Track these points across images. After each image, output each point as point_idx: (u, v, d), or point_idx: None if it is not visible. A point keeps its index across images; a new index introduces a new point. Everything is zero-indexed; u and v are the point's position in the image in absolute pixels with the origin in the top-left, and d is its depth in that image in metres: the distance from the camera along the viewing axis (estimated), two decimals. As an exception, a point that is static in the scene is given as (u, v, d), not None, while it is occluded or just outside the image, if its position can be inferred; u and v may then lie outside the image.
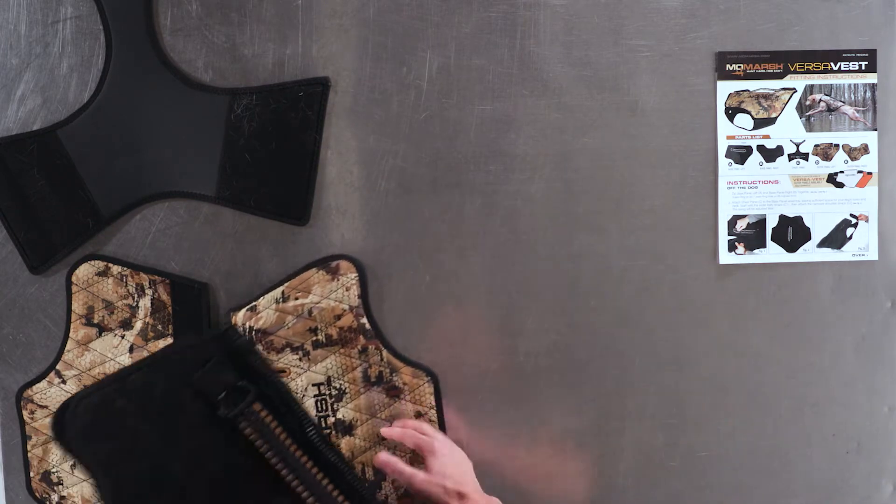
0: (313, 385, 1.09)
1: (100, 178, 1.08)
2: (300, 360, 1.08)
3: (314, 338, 1.08)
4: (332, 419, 1.10)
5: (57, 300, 1.10)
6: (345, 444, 1.10)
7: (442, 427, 1.09)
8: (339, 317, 1.08)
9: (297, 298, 1.08)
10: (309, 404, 1.09)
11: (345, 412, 1.09)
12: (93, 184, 1.08)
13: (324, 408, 1.09)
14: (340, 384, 1.09)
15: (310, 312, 1.08)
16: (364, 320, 1.08)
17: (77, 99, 1.07)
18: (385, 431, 1.04)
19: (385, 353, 1.09)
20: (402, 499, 1.07)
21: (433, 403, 1.10)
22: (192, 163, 1.08)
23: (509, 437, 1.10)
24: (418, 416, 1.09)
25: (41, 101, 1.07)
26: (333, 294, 1.08)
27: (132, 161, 1.07)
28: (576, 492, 1.10)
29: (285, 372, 1.08)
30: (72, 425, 0.94)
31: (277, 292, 1.08)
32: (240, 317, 1.08)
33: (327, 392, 1.09)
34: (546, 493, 1.11)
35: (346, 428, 1.10)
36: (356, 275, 1.08)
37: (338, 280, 1.08)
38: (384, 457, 1.02)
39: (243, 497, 0.95)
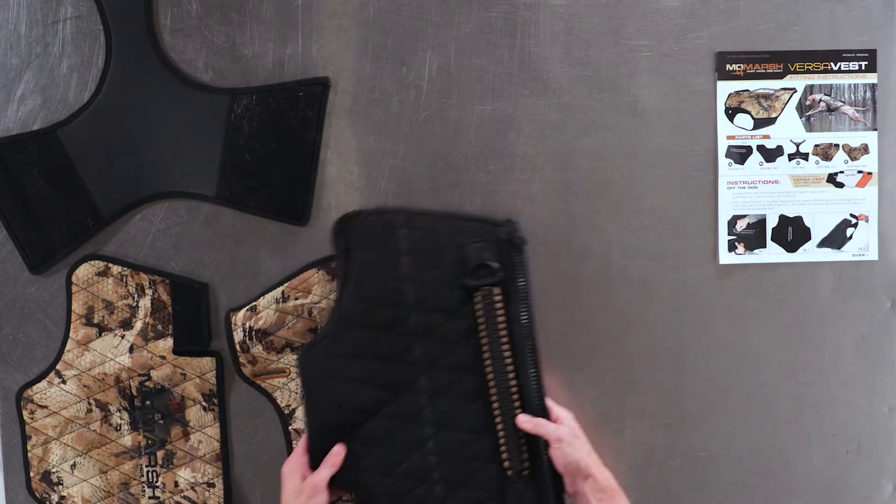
0: (313, 385, 1.09)
1: (100, 178, 1.08)
2: (300, 359, 1.09)
3: (315, 337, 1.09)
4: (332, 419, 1.10)
5: (57, 300, 1.10)
6: (345, 443, 1.10)
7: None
8: (339, 317, 1.08)
9: (297, 298, 1.08)
10: (309, 404, 1.10)
11: (345, 412, 1.10)
12: (93, 184, 1.08)
13: (324, 408, 1.10)
14: (340, 384, 1.09)
15: (310, 312, 1.08)
16: (364, 320, 1.09)
17: (77, 99, 1.07)
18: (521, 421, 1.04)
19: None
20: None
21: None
22: (192, 163, 1.08)
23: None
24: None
25: (41, 101, 1.07)
26: (334, 294, 1.08)
27: (132, 161, 1.08)
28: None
29: (285, 372, 1.08)
30: (357, 228, 1.05)
31: (277, 292, 1.08)
32: (240, 317, 1.08)
33: (327, 392, 1.09)
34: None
35: (347, 428, 1.10)
36: (356, 275, 1.08)
37: (338, 280, 1.08)
38: (524, 418, 1.03)
39: (443, 354, 1.03)
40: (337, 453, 1.03)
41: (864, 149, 1.10)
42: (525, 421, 1.02)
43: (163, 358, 1.09)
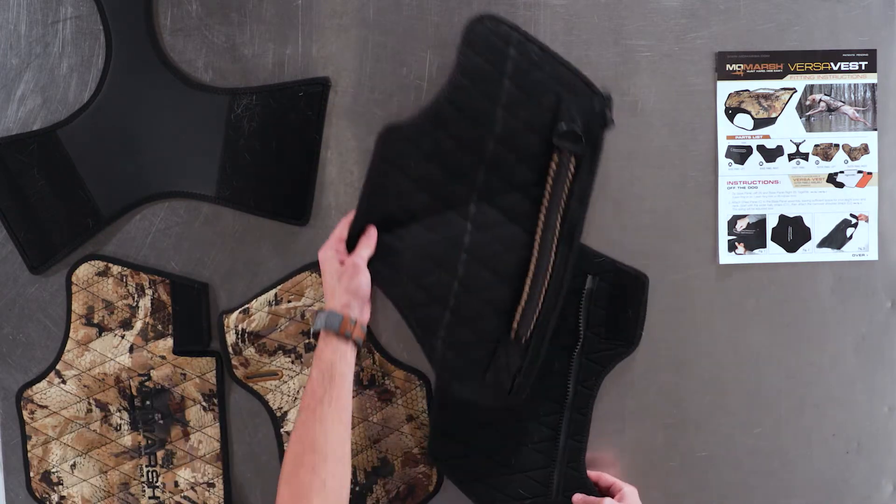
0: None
1: (100, 178, 1.08)
2: (293, 362, 1.08)
3: (307, 340, 1.08)
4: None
5: (57, 300, 1.10)
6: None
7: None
8: (333, 319, 1.08)
9: (289, 301, 1.08)
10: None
11: (342, 413, 1.09)
12: (93, 184, 1.08)
13: (320, 409, 1.09)
14: (336, 386, 1.09)
15: (302, 315, 1.08)
16: (358, 322, 1.08)
17: (77, 99, 1.07)
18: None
19: (377, 356, 1.09)
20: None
21: (425, 407, 1.10)
22: (192, 163, 1.08)
23: (509, 437, 1.10)
24: (409, 419, 1.09)
25: (41, 101, 1.08)
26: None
27: (132, 161, 1.08)
28: (575, 492, 1.09)
29: (277, 375, 1.08)
30: (471, 26, 1.02)
31: (270, 295, 1.08)
32: (232, 319, 1.08)
33: (324, 393, 1.09)
34: (546, 493, 1.11)
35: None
36: (350, 277, 1.08)
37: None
38: (579, 498, 1.07)
39: (500, 192, 1.03)
40: (371, 235, 1.02)
41: (864, 149, 1.10)
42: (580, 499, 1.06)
43: (163, 358, 1.10)
